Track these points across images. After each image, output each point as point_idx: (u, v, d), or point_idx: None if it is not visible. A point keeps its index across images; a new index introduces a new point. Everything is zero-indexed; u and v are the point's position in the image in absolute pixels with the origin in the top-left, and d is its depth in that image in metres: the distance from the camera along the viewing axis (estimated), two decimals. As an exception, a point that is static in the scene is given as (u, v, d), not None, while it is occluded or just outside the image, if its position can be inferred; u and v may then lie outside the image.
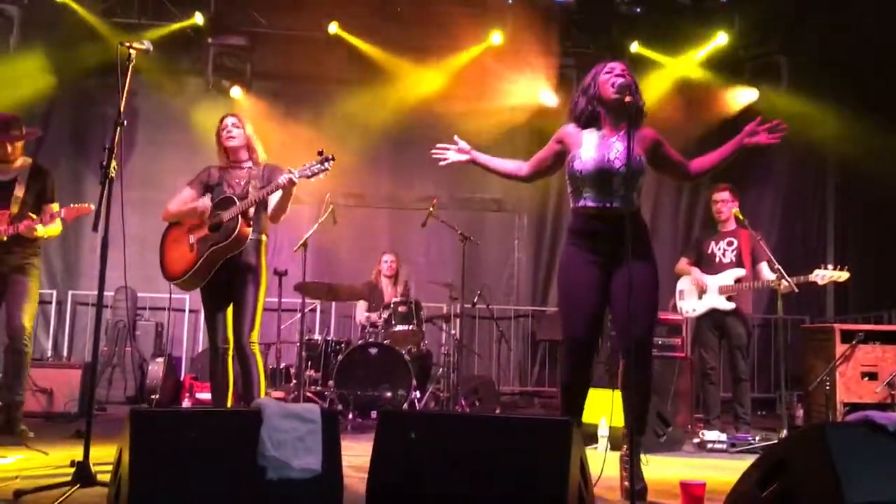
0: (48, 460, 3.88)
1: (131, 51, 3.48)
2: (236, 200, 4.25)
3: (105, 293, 3.44)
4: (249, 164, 4.49)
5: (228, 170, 4.48)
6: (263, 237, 4.47)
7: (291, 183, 4.19)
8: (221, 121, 4.52)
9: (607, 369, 5.71)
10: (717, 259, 5.93)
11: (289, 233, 8.10)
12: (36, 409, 5.79)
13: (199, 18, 7.81)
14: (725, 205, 5.95)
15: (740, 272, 5.79)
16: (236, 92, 8.15)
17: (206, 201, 4.37)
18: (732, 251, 5.89)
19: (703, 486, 3.04)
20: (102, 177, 3.33)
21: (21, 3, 7.57)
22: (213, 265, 4.26)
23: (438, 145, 3.87)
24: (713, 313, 5.86)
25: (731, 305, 5.78)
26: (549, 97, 8.31)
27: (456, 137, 3.86)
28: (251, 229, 4.31)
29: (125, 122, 3.47)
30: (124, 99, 3.45)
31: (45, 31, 7.59)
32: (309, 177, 4.22)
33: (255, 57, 8.14)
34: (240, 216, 4.20)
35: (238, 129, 4.47)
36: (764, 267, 5.73)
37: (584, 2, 7.82)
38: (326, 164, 4.20)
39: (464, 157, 3.83)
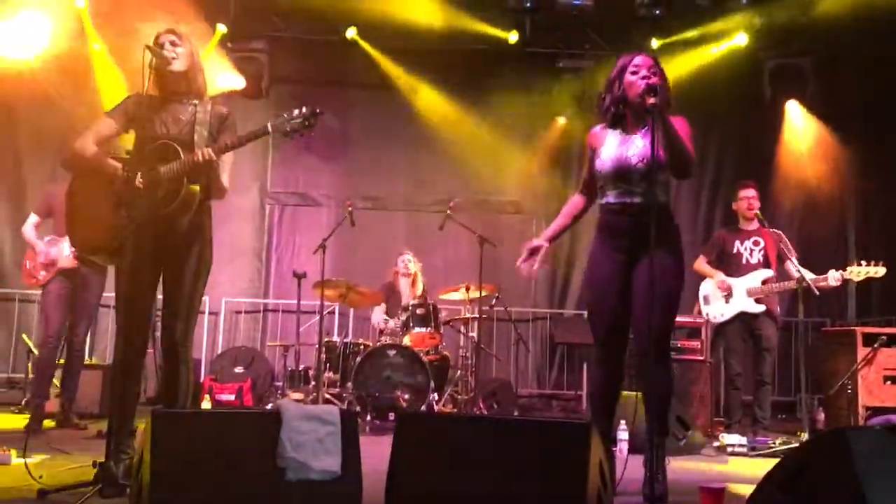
0: (71, 460, 3.92)
1: (153, 54, 3.44)
2: (180, 151, 3.30)
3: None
4: (191, 98, 3.49)
5: (162, 103, 3.46)
6: (208, 201, 3.53)
7: (265, 134, 3.40)
8: (156, 39, 3.43)
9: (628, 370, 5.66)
10: (744, 259, 5.78)
11: (307, 235, 8.15)
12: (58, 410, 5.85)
13: (221, 27, 7.82)
14: (755, 200, 5.84)
15: (768, 273, 5.68)
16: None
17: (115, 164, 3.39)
18: (759, 251, 5.76)
19: (723, 489, 3.02)
20: (123, 175, 3.34)
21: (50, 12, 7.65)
22: (145, 237, 3.30)
23: (520, 261, 3.57)
24: (742, 317, 5.72)
25: (761, 308, 5.65)
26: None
27: (534, 242, 3.61)
28: (198, 189, 3.38)
29: (146, 123, 3.46)
30: (147, 99, 3.41)
31: (72, 39, 7.66)
32: (287, 132, 3.40)
33: (273, 62, 8.18)
34: (185, 176, 3.31)
35: (179, 47, 3.42)
36: (791, 264, 5.61)
37: (603, 4, 7.78)
38: (312, 121, 3.39)
39: (542, 251, 3.60)
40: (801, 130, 8.38)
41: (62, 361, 5.53)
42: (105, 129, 3.46)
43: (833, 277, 5.40)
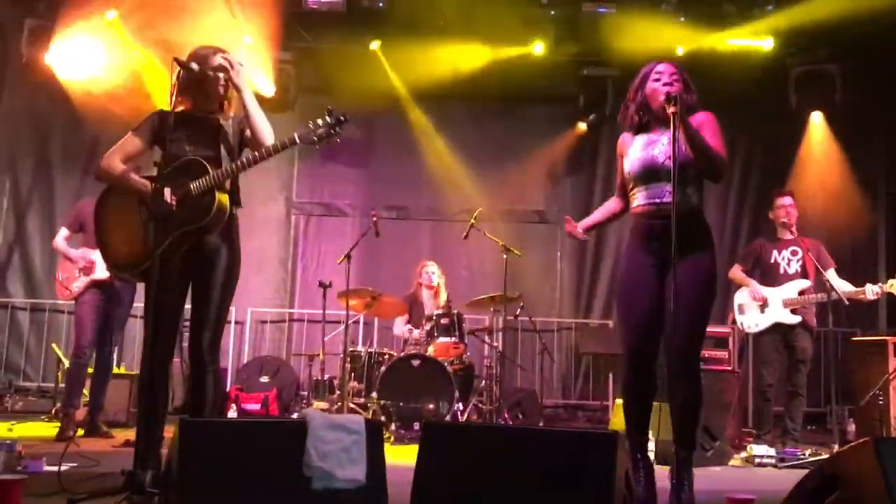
0: (99, 469, 3.96)
1: (180, 67, 3.47)
2: (207, 167, 3.32)
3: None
4: (217, 114, 3.56)
5: (188, 118, 3.48)
6: (236, 212, 3.55)
7: (292, 144, 3.45)
8: (206, 57, 3.50)
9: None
10: (782, 269, 5.67)
11: (332, 245, 8.20)
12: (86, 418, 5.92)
13: (248, 39, 7.89)
14: (793, 209, 5.73)
15: (805, 283, 5.56)
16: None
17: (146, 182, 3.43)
18: (798, 261, 5.64)
19: (751, 500, 2.98)
20: (152, 192, 3.37)
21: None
22: (176, 252, 3.36)
23: (570, 230, 3.71)
24: (778, 328, 5.60)
25: (797, 319, 5.53)
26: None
27: (571, 228, 3.71)
28: (228, 202, 3.41)
29: (173, 139, 3.49)
30: (173, 115, 3.44)
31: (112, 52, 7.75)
32: (314, 142, 3.44)
33: (299, 72, 8.24)
34: (215, 190, 3.33)
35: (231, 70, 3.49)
36: (832, 274, 5.51)
37: (626, 11, 7.74)
38: (338, 129, 3.42)
39: (581, 235, 3.74)
40: (826, 139, 8.28)
41: (91, 370, 5.61)
42: (131, 146, 3.52)
43: (871, 291, 5.30)
